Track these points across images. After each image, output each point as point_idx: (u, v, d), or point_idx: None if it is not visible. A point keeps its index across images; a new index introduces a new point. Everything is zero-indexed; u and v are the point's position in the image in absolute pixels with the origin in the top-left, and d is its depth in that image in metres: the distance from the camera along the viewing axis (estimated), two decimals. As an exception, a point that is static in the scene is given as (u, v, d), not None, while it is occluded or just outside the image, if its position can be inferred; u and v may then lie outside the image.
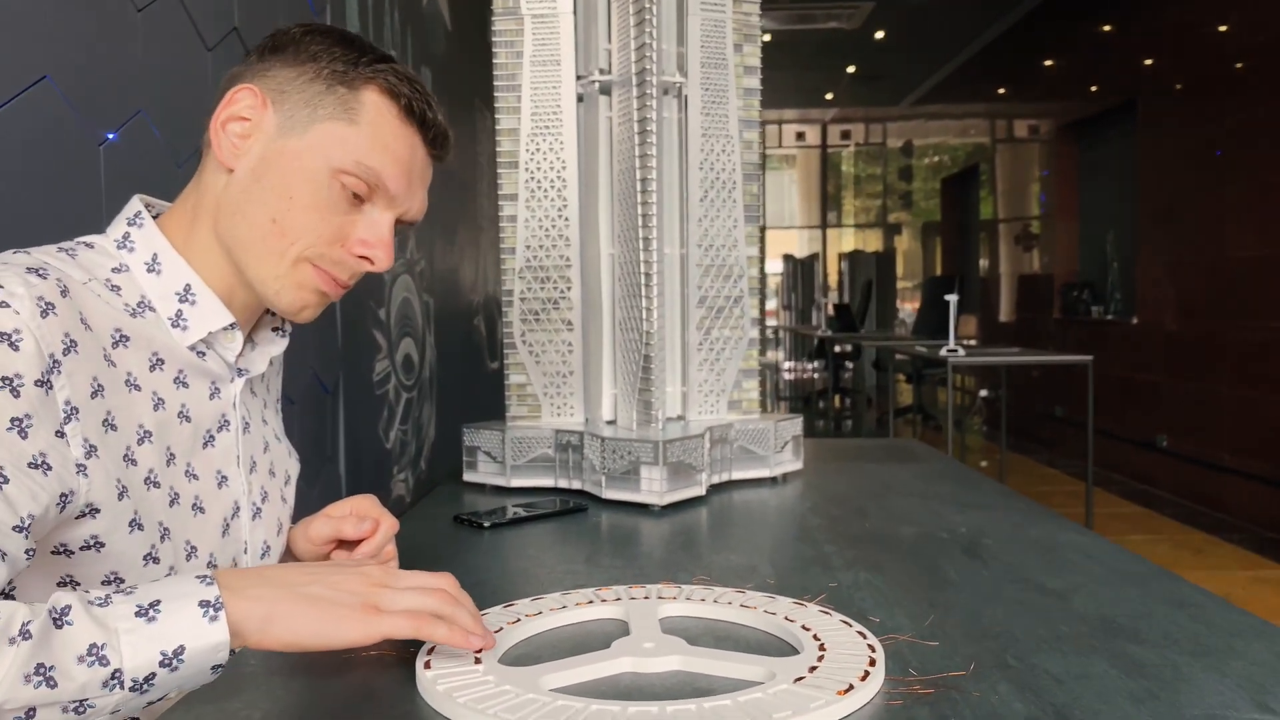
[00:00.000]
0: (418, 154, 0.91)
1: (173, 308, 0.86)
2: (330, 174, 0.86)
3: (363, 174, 0.87)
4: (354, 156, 0.86)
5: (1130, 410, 6.28)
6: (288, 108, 0.87)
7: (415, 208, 0.93)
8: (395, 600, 0.73)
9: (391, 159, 0.88)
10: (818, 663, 0.74)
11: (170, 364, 0.85)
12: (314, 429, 1.90)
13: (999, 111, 9.30)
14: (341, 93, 0.87)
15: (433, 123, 0.91)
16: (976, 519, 1.28)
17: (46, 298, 0.72)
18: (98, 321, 0.78)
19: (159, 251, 0.87)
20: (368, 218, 0.89)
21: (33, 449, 0.69)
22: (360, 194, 0.88)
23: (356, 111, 0.87)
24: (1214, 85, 5.40)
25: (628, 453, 1.39)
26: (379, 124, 0.88)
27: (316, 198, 0.86)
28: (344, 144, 0.86)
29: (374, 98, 0.88)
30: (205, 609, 0.66)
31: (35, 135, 1.09)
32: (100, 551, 0.76)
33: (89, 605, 0.64)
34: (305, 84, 0.87)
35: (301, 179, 0.86)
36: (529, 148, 1.57)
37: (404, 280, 2.60)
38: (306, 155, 0.86)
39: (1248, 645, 0.79)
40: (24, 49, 1.08)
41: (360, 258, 0.90)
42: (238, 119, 0.87)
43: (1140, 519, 5.20)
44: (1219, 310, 5.31)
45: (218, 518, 0.90)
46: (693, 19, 1.57)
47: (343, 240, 0.89)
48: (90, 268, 0.82)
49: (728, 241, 1.61)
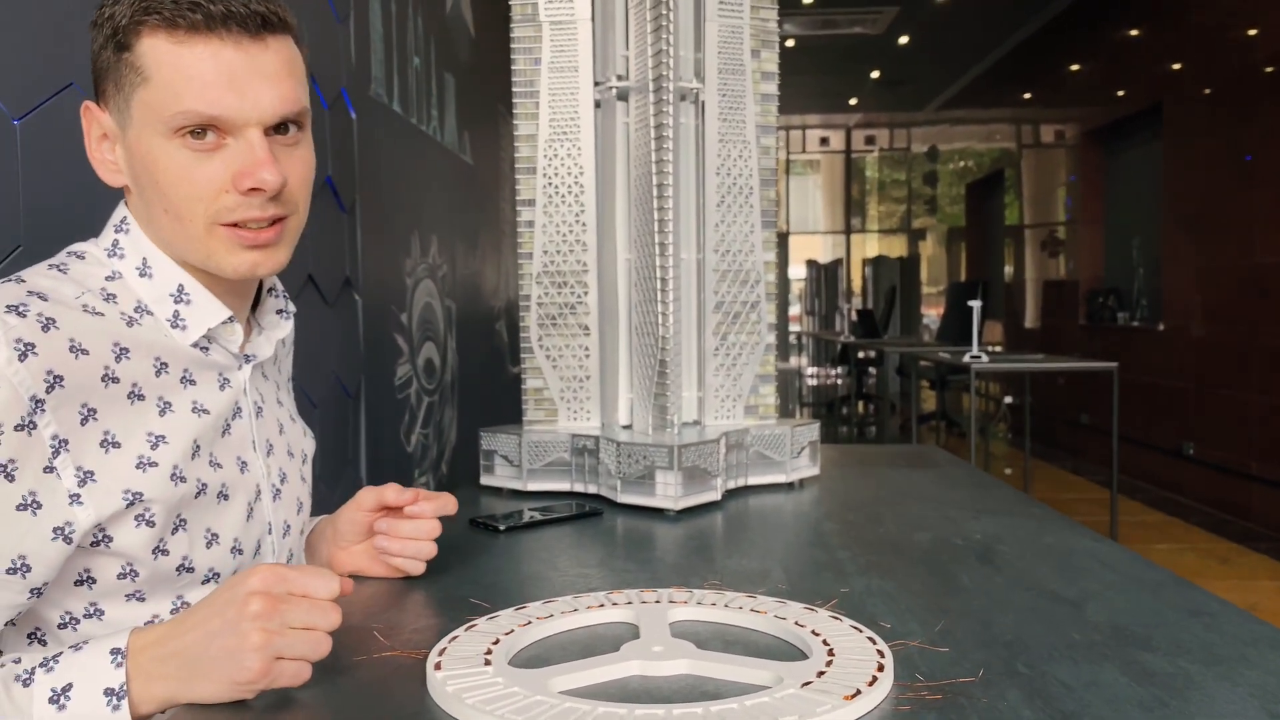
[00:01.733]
0: (224, 58, 0.81)
1: (169, 309, 0.87)
2: (166, 139, 0.81)
3: (185, 120, 0.80)
4: (167, 110, 0.80)
5: (1157, 417, 6.23)
6: (111, 102, 0.84)
7: (266, 103, 0.83)
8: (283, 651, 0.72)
9: (199, 87, 0.80)
10: (826, 668, 0.74)
11: (174, 365, 0.86)
12: (336, 432, 1.91)
13: (1024, 117, 9.25)
14: (126, 58, 0.81)
15: (217, 15, 0.80)
16: (993, 526, 1.28)
17: (25, 339, 0.74)
18: (94, 342, 0.79)
19: (148, 255, 0.87)
20: (229, 150, 0.83)
21: (21, 490, 0.73)
22: (202, 136, 0.81)
23: (143, 68, 0.81)
24: (1242, 90, 5.35)
25: (643, 457, 1.39)
26: (165, 63, 0.80)
27: (174, 168, 0.82)
28: (154, 107, 0.81)
29: (148, 43, 0.80)
30: (110, 697, 0.70)
31: (61, 139, 1.11)
32: (109, 547, 0.80)
33: (10, 686, 0.70)
34: (106, 71, 0.83)
35: (152, 161, 0.82)
36: (547, 153, 1.58)
37: (426, 285, 2.62)
38: (142, 136, 0.82)
39: (1261, 655, 0.78)
40: (51, 56, 1.10)
41: (250, 191, 0.83)
42: (102, 137, 0.86)
43: (1166, 527, 5.15)
44: (1246, 316, 5.25)
45: (242, 503, 0.92)
46: (710, 25, 1.57)
47: (225, 184, 0.83)
48: (83, 280, 0.84)
49: (744, 247, 1.62)
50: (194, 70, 0.80)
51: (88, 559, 0.79)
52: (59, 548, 0.75)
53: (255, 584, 0.72)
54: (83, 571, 0.80)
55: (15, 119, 1.03)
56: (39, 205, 1.06)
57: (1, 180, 1.02)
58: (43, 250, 1.05)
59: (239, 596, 0.72)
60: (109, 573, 0.81)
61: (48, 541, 0.74)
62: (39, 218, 1.06)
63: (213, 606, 0.73)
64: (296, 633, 0.72)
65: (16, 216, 1.03)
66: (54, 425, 0.75)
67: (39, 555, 0.74)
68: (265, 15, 0.82)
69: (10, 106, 1.03)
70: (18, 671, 0.71)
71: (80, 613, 0.81)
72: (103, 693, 0.70)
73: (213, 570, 0.88)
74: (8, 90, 1.02)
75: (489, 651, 0.78)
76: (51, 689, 0.70)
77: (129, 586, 0.82)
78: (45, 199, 1.08)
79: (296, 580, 0.74)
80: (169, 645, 0.72)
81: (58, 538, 0.75)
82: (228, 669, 0.70)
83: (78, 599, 0.81)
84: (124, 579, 0.81)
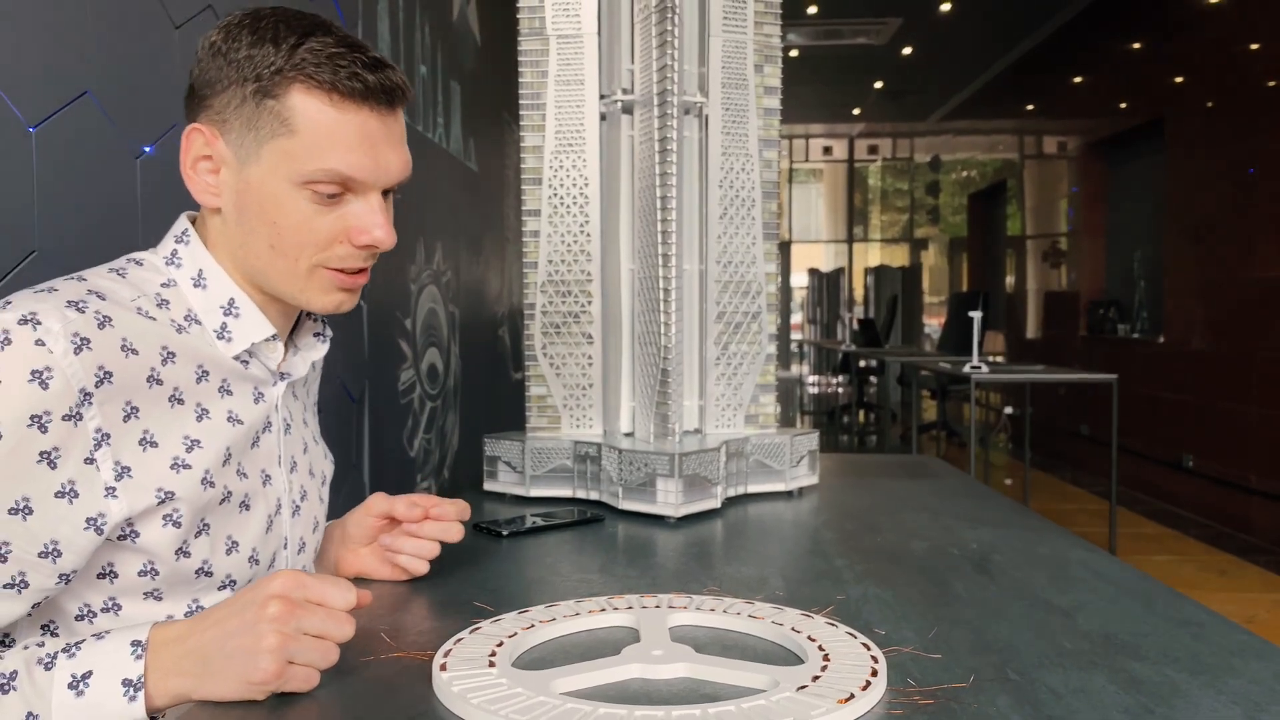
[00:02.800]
0: (369, 127, 0.87)
1: (218, 320, 0.90)
2: (297, 188, 0.86)
3: (325, 176, 0.86)
4: (309, 165, 0.85)
5: (1156, 430, 6.24)
6: (235, 135, 0.87)
7: (395, 170, 0.91)
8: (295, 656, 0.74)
9: (344, 150, 0.86)
10: (821, 672, 0.76)
11: (215, 374, 0.89)
12: (339, 437, 1.93)
13: (1027, 128, 9.28)
14: (271, 106, 0.85)
15: (373, 87, 0.87)
16: (988, 536, 1.30)
17: (82, 333, 0.77)
18: (143, 343, 0.82)
19: (204, 267, 0.91)
20: (353, 207, 0.89)
21: (61, 478, 0.75)
22: (334, 193, 0.87)
23: (291, 120, 0.85)
24: (1243, 103, 5.37)
25: (644, 465, 1.41)
26: (317, 122, 0.85)
27: (297, 214, 0.87)
28: (294, 158, 0.85)
29: (301, 98, 0.85)
30: (127, 688, 0.72)
31: (76, 148, 1.13)
32: (135, 542, 0.82)
33: (33, 668, 0.72)
34: (239, 108, 0.86)
35: (275, 203, 0.87)
36: (552, 165, 1.60)
37: (430, 291, 2.64)
38: (269, 180, 0.87)
39: (1246, 664, 0.80)
40: (66, 65, 1.12)
41: (364, 246, 0.90)
42: (202, 158, 0.88)
43: (1165, 539, 5.16)
44: (1247, 330, 5.27)
45: (262, 515, 0.95)
46: (714, 40, 1.60)
47: (340, 236, 0.89)
48: (140, 284, 0.87)
49: (746, 258, 1.64)
50: (342, 134, 0.86)
51: (113, 553, 0.82)
52: (90, 537, 0.78)
53: (276, 588, 0.75)
54: (106, 565, 0.82)
55: (31, 127, 1.06)
56: (53, 212, 1.09)
57: (17, 187, 1.04)
58: (57, 256, 1.08)
59: (259, 599, 0.74)
60: (131, 569, 0.83)
61: (80, 531, 0.77)
62: (53, 224, 1.08)
63: (232, 607, 0.75)
64: (310, 639, 0.75)
65: (31, 222, 1.06)
66: (99, 419, 0.77)
67: (70, 543, 0.76)
68: (403, 89, 0.90)
69: (26, 114, 1.05)
70: (40, 655, 0.73)
71: (99, 606, 0.83)
72: (121, 683, 0.72)
73: (230, 577, 0.91)
74: (24, 98, 1.04)
75: (493, 653, 0.80)
76: (72, 674, 0.72)
77: (148, 585, 0.84)
78: (60, 206, 1.10)
79: (315, 588, 0.76)
80: (188, 642, 0.74)
81: (90, 528, 0.77)
82: (242, 668, 0.72)
83: (98, 592, 0.83)
84: (145, 576, 0.83)
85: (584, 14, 1.59)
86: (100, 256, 0.96)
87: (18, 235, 1.04)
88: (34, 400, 0.73)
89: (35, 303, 0.76)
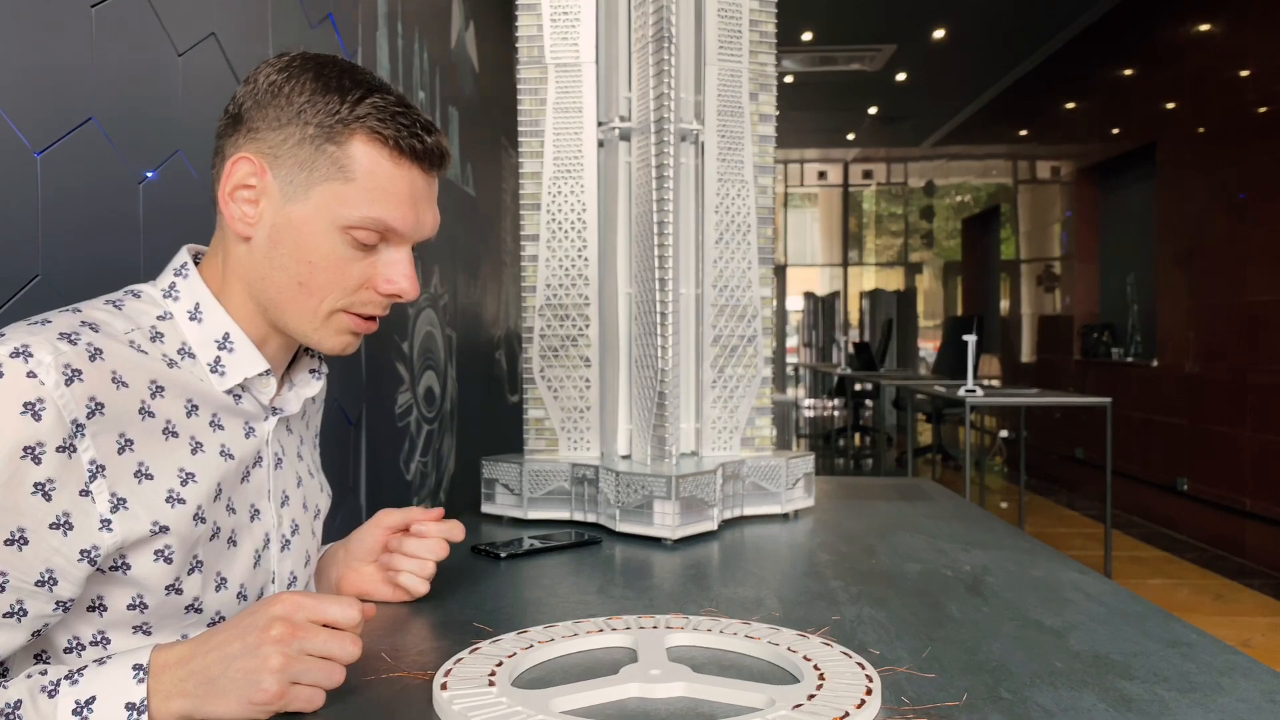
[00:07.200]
0: (417, 184, 0.92)
1: (212, 354, 0.91)
2: (339, 232, 0.89)
3: (370, 225, 0.90)
4: (358, 212, 0.89)
5: (1151, 453, 6.26)
6: (284, 171, 0.89)
7: (428, 227, 0.95)
8: (299, 677, 0.75)
9: (394, 203, 0.90)
10: (816, 691, 0.77)
11: (205, 409, 0.90)
12: (337, 460, 1.94)
13: (1020, 153, 9.35)
14: (331, 151, 0.88)
15: (428, 149, 0.92)
16: (982, 558, 1.31)
17: (73, 365, 0.77)
18: (134, 376, 0.83)
19: (201, 301, 0.92)
20: (385, 257, 0.93)
21: (56, 509, 0.76)
22: (372, 242, 0.91)
23: (349, 167, 0.88)
24: (1234, 129, 5.43)
25: (641, 487, 1.42)
26: (374, 173, 0.89)
27: (333, 256, 0.90)
28: (345, 203, 0.89)
29: (363, 149, 0.89)
30: (130, 712, 0.73)
31: (80, 174, 1.15)
32: (125, 574, 0.82)
33: (36, 696, 0.72)
34: (294, 147, 0.88)
35: (314, 243, 0.89)
36: (551, 190, 1.63)
37: (428, 314, 2.65)
38: (314, 220, 0.89)
39: (1235, 683, 0.81)
40: (71, 93, 1.14)
41: (390, 295, 0.94)
42: (243, 186, 0.90)
43: (1160, 563, 5.16)
44: (1240, 353, 5.30)
45: (249, 550, 0.95)
46: (710, 69, 1.62)
47: (366, 283, 0.93)
48: (135, 317, 0.88)
49: (742, 282, 1.66)
50: (394, 187, 0.90)
51: (102, 585, 0.82)
52: (84, 569, 0.78)
53: (278, 610, 0.76)
54: (95, 598, 0.82)
55: (37, 153, 1.07)
56: (57, 236, 1.10)
57: (22, 212, 1.05)
58: (60, 281, 1.09)
59: (261, 621, 0.75)
60: (120, 601, 0.83)
61: (74, 562, 0.77)
62: (57, 249, 1.10)
63: (235, 629, 0.76)
64: (314, 660, 0.75)
65: (36, 248, 1.07)
66: (93, 450, 0.78)
67: (65, 573, 0.77)
68: (448, 155, 0.96)
69: (32, 140, 1.07)
70: (44, 683, 0.73)
71: (88, 639, 0.83)
72: (124, 707, 0.73)
73: (219, 613, 0.91)
74: (30, 124, 1.06)
75: (493, 673, 0.81)
76: (75, 701, 0.72)
77: (137, 618, 0.84)
78: (63, 230, 1.11)
79: (317, 608, 0.77)
80: (190, 664, 0.75)
81: (84, 559, 0.78)
82: (245, 689, 0.73)
83: (87, 625, 0.83)
84: (133, 610, 0.83)
85: (582, 43, 1.62)
86: (103, 281, 0.97)
87: (22, 259, 1.05)
88: (27, 432, 0.74)
89: (27, 335, 0.77)
